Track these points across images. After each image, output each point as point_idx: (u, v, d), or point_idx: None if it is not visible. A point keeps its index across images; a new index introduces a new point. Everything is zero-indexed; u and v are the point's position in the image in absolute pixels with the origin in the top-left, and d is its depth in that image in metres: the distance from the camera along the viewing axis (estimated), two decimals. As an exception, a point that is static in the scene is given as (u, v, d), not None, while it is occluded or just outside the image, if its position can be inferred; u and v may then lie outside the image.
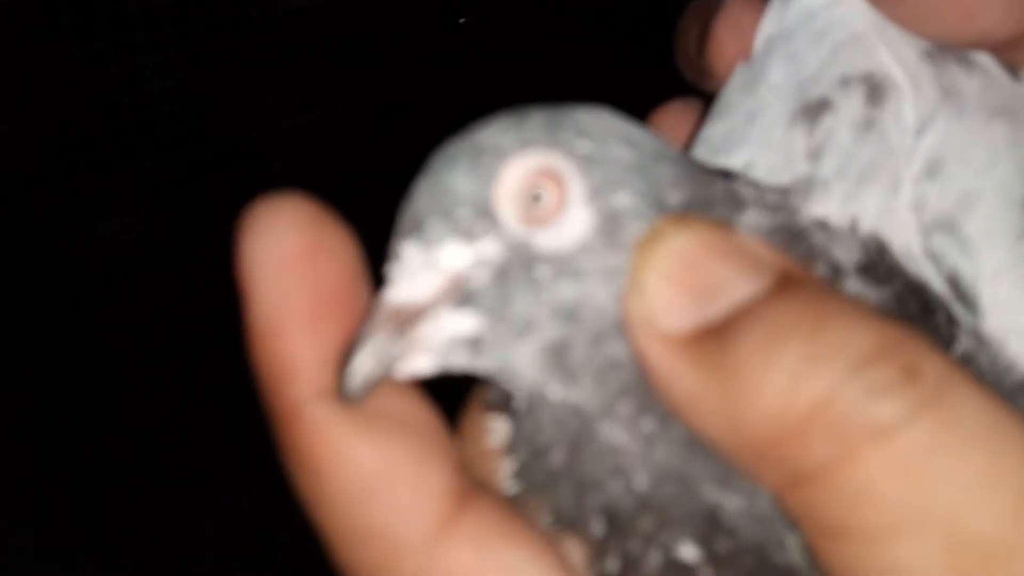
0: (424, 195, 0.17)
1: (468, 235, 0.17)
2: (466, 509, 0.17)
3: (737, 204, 0.18)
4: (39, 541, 1.36)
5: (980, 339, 0.19)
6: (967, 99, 0.20)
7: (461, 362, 0.17)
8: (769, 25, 0.22)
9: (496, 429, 0.19)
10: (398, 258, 0.17)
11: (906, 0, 0.20)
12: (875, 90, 0.20)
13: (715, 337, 0.15)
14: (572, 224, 0.17)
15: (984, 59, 0.21)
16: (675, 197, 0.17)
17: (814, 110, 0.20)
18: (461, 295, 0.17)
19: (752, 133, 0.20)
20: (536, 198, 0.17)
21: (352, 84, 1.36)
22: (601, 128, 0.18)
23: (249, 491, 1.62)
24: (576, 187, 0.17)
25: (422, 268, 0.17)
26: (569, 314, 0.17)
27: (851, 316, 0.15)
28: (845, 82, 0.20)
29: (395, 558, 0.16)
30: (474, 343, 0.17)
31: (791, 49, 0.21)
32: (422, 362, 0.17)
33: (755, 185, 0.19)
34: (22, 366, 1.30)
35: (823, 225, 0.18)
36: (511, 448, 0.19)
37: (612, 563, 0.18)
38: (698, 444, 0.16)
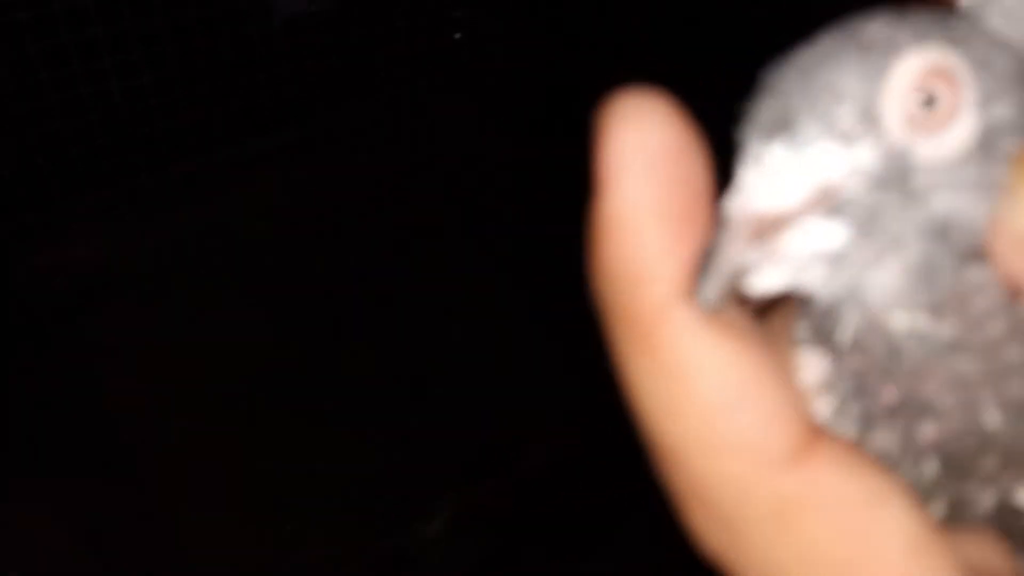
0: (796, 91, 0.16)
1: (847, 139, 0.15)
2: (820, 437, 0.16)
3: None
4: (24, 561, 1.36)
5: None
6: None
7: (815, 280, 0.16)
8: None
9: (810, 365, 0.18)
10: (759, 160, 0.15)
11: None
12: None
13: None
14: (959, 132, 0.16)
15: None
16: None
17: None
18: (831, 205, 0.15)
19: None
20: (929, 102, 0.15)
21: (336, 98, 1.35)
22: (983, 35, 0.16)
23: (227, 504, 1.61)
24: (970, 91, 0.16)
25: (790, 172, 0.15)
26: (940, 231, 0.16)
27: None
28: None
29: (756, 473, 0.16)
30: (836, 259, 0.16)
31: None
32: (778, 275, 0.16)
33: None
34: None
35: None
36: (830, 385, 0.18)
37: (938, 506, 0.17)
38: None
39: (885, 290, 0.16)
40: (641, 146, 0.16)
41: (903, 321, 0.16)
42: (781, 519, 0.16)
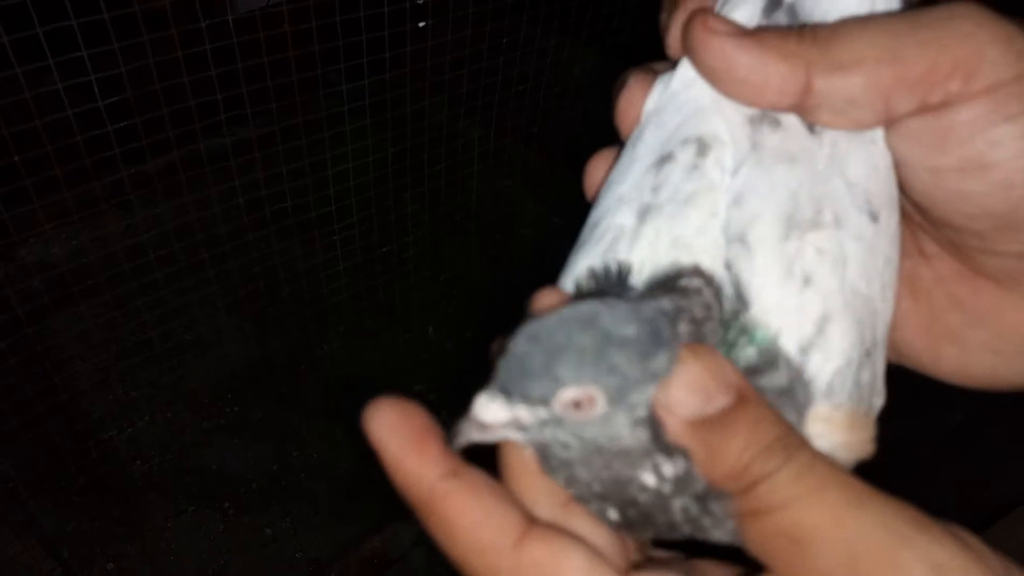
0: (514, 377, 0.26)
1: (531, 405, 0.26)
2: (533, 527, 0.27)
3: (673, 321, 0.26)
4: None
5: (745, 327, 0.27)
6: (767, 150, 0.30)
7: (512, 436, 0.27)
8: (651, 100, 0.32)
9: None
10: (488, 398, 0.26)
11: (721, 83, 0.30)
12: (703, 146, 0.30)
13: (709, 425, 0.25)
14: (594, 414, 0.26)
15: (791, 119, 0.30)
16: (660, 361, 0.25)
17: (663, 160, 0.30)
18: (519, 428, 0.27)
19: (630, 173, 0.31)
20: (577, 405, 0.26)
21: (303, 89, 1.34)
22: (622, 361, 0.26)
23: (209, 502, 1.60)
24: (601, 398, 0.26)
25: (501, 409, 0.26)
26: (593, 456, 0.27)
27: (768, 421, 0.25)
28: (685, 142, 0.30)
29: (499, 556, 0.26)
30: (518, 434, 0.27)
31: (661, 119, 0.31)
32: (492, 434, 0.27)
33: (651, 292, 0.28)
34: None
35: (682, 289, 0.27)
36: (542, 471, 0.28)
37: (646, 532, 0.28)
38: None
39: (541, 441, 0.27)
40: (395, 428, 0.27)
41: (559, 453, 0.27)
42: None
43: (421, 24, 1.49)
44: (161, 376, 1.69)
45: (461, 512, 0.26)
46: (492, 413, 0.26)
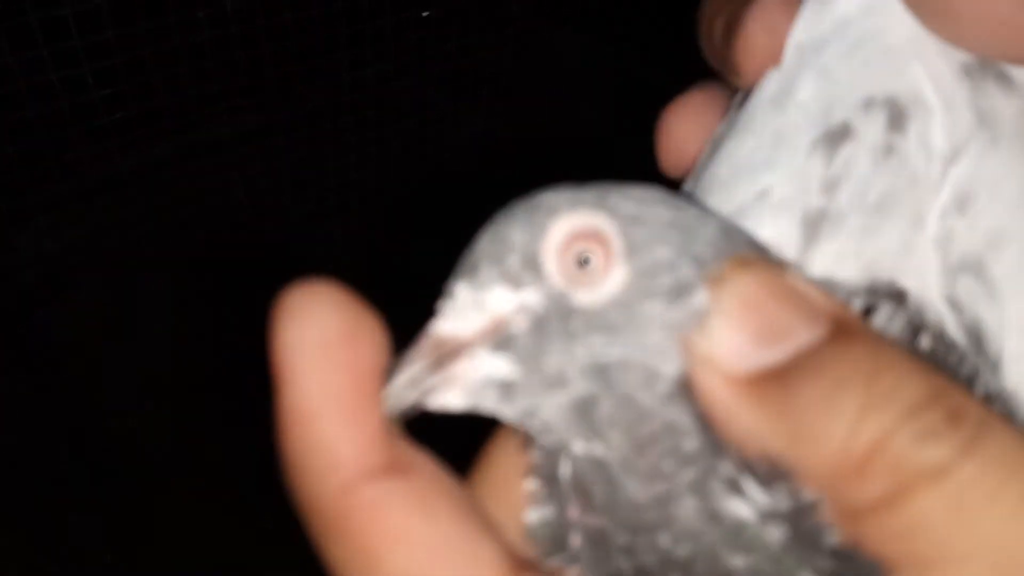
0: (482, 242, 0.18)
1: (515, 282, 0.18)
2: (524, 572, 0.18)
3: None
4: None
5: (997, 394, 0.18)
6: (1004, 125, 0.19)
7: (491, 404, 0.18)
8: (802, 30, 0.21)
9: (528, 483, 0.20)
10: (450, 295, 0.18)
11: (949, 9, 0.19)
12: (898, 114, 0.19)
13: (778, 380, 0.16)
14: (611, 283, 0.18)
15: None
16: (710, 251, 0.18)
17: (835, 137, 0.19)
18: (500, 338, 0.18)
19: (777, 157, 0.20)
20: (584, 262, 0.18)
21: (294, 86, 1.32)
22: (647, 194, 0.18)
23: (203, 495, 1.59)
24: (617, 245, 0.18)
25: (470, 307, 0.18)
26: (599, 369, 0.18)
27: (902, 367, 0.16)
28: (868, 105, 0.19)
29: None
30: (506, 387, 0.18)
31: (822, 62, 0.20)
32: (454, 398, 0.18)
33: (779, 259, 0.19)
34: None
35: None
36: (537, 500, 0.20)
37: None
38: (712, 508, 0.17)
39: (554, 420, 0.18)
40: (312, 338, 0.17)
41: (580, 447, 0.18)
42: None
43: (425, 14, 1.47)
44: (158, 367, 1.68)
45: (398, 543, 0.17)
46: (456, 317, 0.18)
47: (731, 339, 0.16)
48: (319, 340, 0.17)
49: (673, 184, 0.23)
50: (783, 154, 0.20)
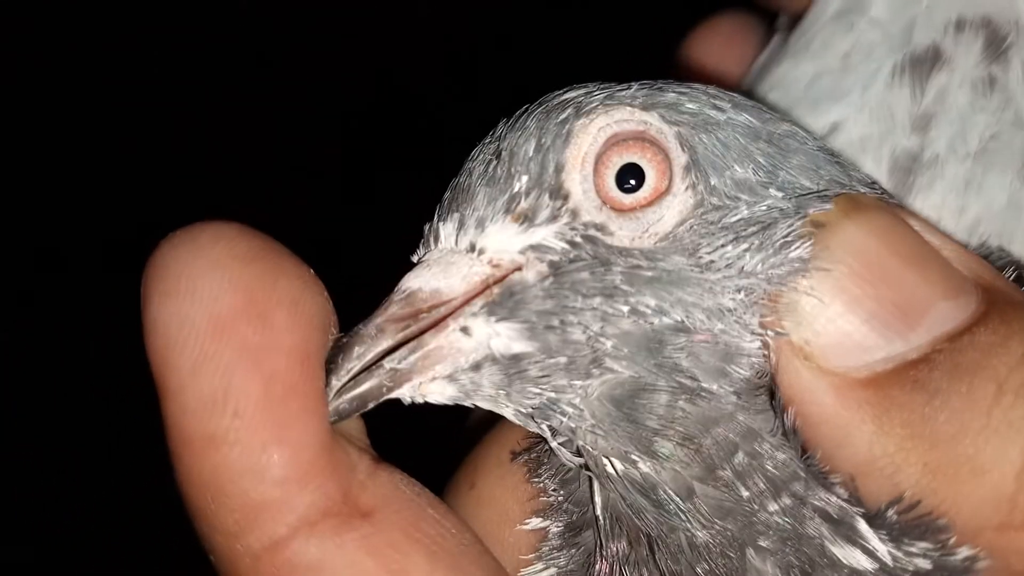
0: (478, 159, 0.13)
1: (526, 215, 0.12)
2: None
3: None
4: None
5: None
6: None
7: (487, 393, 0.12)
8: None
9: (536, 521, 0.15)
10: (431, 238, 0.12)
11: None
12: (997, 39, 0.15)
13: (913, 382, 0.10)
14: (669, 214, 0.12)
15: None
16: (810, 181, 0.12)
17: (923, 63, 0.15)
18: (503, 296, 0.12)
19: (847, 84, 0.15)
20: (630, 180, 0.12)
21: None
22: (718, 93, 0.13)
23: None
24: (677, 156, 0.12)
25: (459, 253, 0.12)
26: (652, 340, 0.12)
27: None
28: (960, 25, 0.15)
29: None
30: (511, 368, 0.12)
31: None
32: (436, 385, 0.12)
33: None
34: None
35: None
36: (553, 551, 0.14)
37: None
38: (810, 559, 0.13)
39: (585, 418, 0.13)
40: (202, 317, 0.10)
41: (619, 466, 0.13)
42: None
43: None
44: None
45: None
46: (439, 268, 0.12)
47: (842, 320, 0.11)
48: (210, 316, 0.11)
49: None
50: (856, 81, 0.15)
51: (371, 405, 0.12)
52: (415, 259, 0.13)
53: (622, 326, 0.12)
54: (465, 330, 0.12)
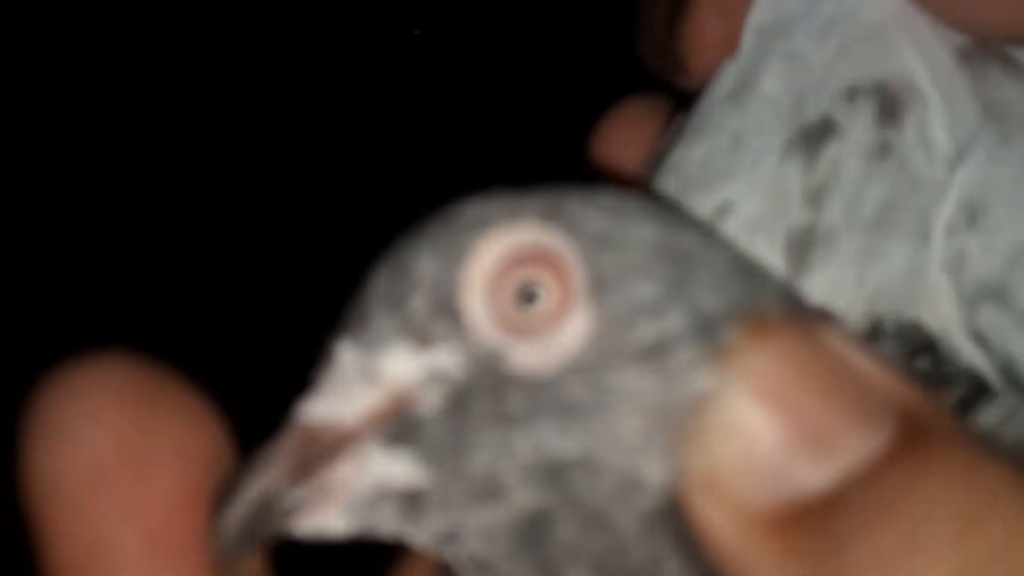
0: (376, 279, 0.13)
1: (422, 337, 0.12)
2: None
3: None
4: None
5: None
6: (1014, 118, 0.16)
7: (389, 526, 0.13)
8: (763, 10, 0.17)
9: None
10: (329, 361, 0.13)
11: None
12: (891, 103, 0.15)
13: (819, 523, 0.10)
14: (568, 333, 0.12)
15: None
16: (715, 300, 0.12)
17: (814, 135, 0.16)
18: (401, 425, 0.12)
19: (738, 163, 0.16)
20: (528, 300, 0.12)
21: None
22: (622, 203, 0.13)
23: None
24: (578, 276, 0.12)
25: (356, 378, 0.12)
26: (551, 470, 0.12)
27: (1016, 497, 0.10)
28: (852, 95, 0.16)
29: None
30: (411, 500, 0.12)
31: (791, 46, 0.16)
32: (334, 518, 0.12)
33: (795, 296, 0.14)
34: None
35: None
36: None
37: None
38: None
39: (488, 549, 0.12)
40: (80, 463, 0.12)
41: None
42: None
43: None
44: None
45: None
46: (335, 394, 0.12)
47: (747, 451, 0.11)
48: (86, 466, 0.12)
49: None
50: (747, 158, 0.16)
51: (263, 544, 0.12)
52: (311, 380, 0.13)
53: (522, 457, 0.12)
54: (361, 461, 0.12)
